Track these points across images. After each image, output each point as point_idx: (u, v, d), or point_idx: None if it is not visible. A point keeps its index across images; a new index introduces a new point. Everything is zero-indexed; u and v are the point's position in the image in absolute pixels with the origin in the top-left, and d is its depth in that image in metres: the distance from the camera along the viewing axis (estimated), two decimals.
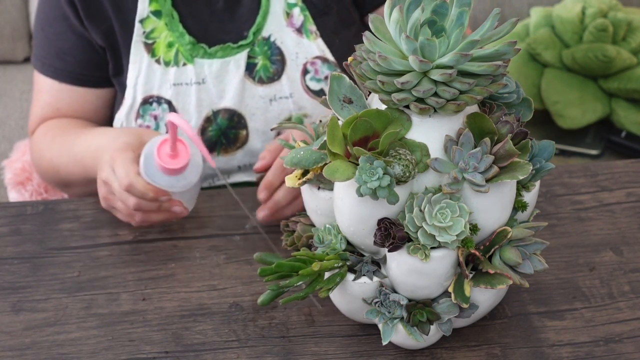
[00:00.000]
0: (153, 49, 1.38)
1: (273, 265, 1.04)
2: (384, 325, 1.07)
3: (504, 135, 1.00)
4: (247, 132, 1.42)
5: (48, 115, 1.44)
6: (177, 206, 1.24)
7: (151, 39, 1.38)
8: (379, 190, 0.96)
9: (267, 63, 1.40)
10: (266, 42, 1.40)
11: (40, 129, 1.44)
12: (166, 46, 1.38)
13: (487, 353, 1.11)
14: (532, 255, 1.04)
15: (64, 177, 1.40)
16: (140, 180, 1.21)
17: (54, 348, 1.13)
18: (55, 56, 1.42)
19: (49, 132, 1.42)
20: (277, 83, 1.41)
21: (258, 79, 1.40)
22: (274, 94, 1.41)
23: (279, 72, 1.41)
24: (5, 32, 2.31)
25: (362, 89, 1.03)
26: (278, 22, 1.40)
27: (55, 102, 1.44)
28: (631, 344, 1.12)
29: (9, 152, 1.69)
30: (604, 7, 2.10)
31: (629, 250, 1.24)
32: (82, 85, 1.43)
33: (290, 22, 1.40)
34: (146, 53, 1.38)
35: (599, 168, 1.37)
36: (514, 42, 0.97)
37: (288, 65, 1.41)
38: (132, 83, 1.39)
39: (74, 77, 1.43)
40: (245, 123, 1.41)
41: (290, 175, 1.08)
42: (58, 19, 1.40)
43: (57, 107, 1.44)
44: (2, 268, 1.23)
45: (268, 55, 1.40)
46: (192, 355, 1.11)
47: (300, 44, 1.40)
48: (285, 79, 1.41)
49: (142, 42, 1.38)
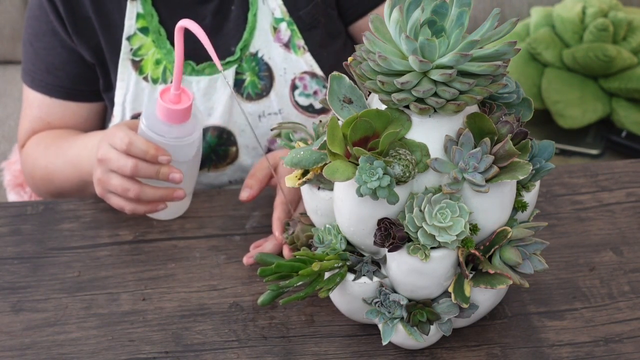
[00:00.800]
0: (141, 66, 1.37)
1: (273, 266, 1.04)
2: (384, 325, 1.07)
3: (504, 135, 1.00)
4: (236, 148, 1.41)
5: (39, 129, 1.43)
6: (176, 173, 1.20)
7: (139, 57, 1.37)
8: (379, 191, 0.96)
9: (255, 79, 1.39)
10: (254, 58, 1.38)
11: (32, 140, 1.43)
12: (154, 63, 1.37)
13: (487, 353, 1.11)
14: (532, 255, 1.04)
15: (59, 185, 1.39)
16: (140, 138, 1.19)
17: (54, 348, 1.13)
18: (46, 71, 1.40)
19: (42, 142, 1.41)
20: (266, 99, 1.39)
21: (246, 95, 1.39)
22: (262, 110, 1.40)
23: (267, 88, 1.39)
24: (5, 32, 2.31)
25: (362, 89, 1.03)
26: (265, 38, 1.38)
27: (46, 117, 1.42)
28: (631, 344, 1.12)
29: (8, 153, 1.69)
30: (605, 7, 2.10)
31: (629, 250, 1.24)
32: (74, 100, 1.42)
33: (278, 37, 1.38)
34: (134, 71, 1.37)
35: (599, 168, 1.37)
36: (514, 42, 0.97)
37: (276, 80, 1.39)
38: (121, 100, 1.38)
39: (66, 93, 1.41)
40: (235, 140, 1.40)
41: (290, 175, 1.08)
42: (47, 34, 1.39)
43: (48, 121, 1.42)
44: (2, 268, 1.23)
45: (256, 71, 1.39)
46: (192, 355, 1.11)
47: (288, 59, 1.39)
48: (274, 94, 1.39)
49: (130, 59, 1.37)
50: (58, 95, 1.41)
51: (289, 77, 1.39)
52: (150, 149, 1.18)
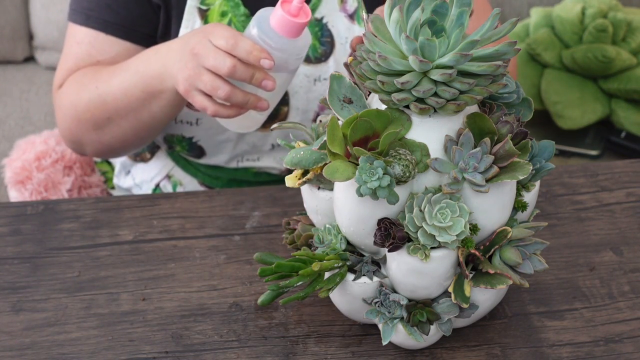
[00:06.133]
0: (206, 15, 1.37)
1: (273, 266, 1.04)
2: (384, 325, 1.07)
3: (504, 135, 1.00)
4: (288, 108, 1.42)
5: (84, 66, 1.39)
6: (269, 80, 1.20)
7: (206, 5, 1.37)
8: (379, 190, 0.96)
9: (316, 43, 1.40)
10: (318, 23, 1.40)
11: (77, 73, 1.38)
12: (219, 15, 1.37)
13: (487, 353, 1.11)
14: (532, 255, 1.04)
15: (112, 105, 1.34)
16: (247, 39, 1.18)
17: (54, 348, 1.13)
18: (106, 7, 1.37)
19: (91, 70, 1.36)
20: (324, 64, 1.41)
21: (305, 57, 1.39)
22: (319, 75, 1.41)
23: (327, 54, 1.41)
24: (5, 32, 2.31)
25: (362, 89, 1.03)
26: (332, 6, 1.40)
27: (96, 54, 1.38)
28: (631, 344, 1.12)
29: (8, 152, 1.69)
30: (604, 8, 2.10)
31: (629, 250, 1.24)
32: (129, 40, 1.39)
33: (344, 7, 1.40)
34: (199, 19, 1.37)
35: (599, 168, 1.37)
36: (514, 42, 0.97)
37: (337, 48, 1.41)
38: None
39: (124, 31, 1.38)
40: (288, 100, 1.41)
41: (290, 175, 1.08)
42: None
43: (98, 59, 1.39)
44: (2, 268, 1.23)
45: (318, 36, 1.40)
46: (192, 355, 1.11)
47: (350, 29, 1.41)
48: (333, 61, 1.41)
49: (197, 7, 1.37)
50: (115, 32, 1.38)
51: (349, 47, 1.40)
52: (255, 50, 1.18)
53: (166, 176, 1.55)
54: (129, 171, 1.59)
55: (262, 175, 1.50)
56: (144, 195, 1.35)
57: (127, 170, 1.60)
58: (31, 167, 1.58)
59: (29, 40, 2.37)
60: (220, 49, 1.19)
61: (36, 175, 1.57)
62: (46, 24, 2.31)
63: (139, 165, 1.57)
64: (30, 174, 1.58)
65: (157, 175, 1.55)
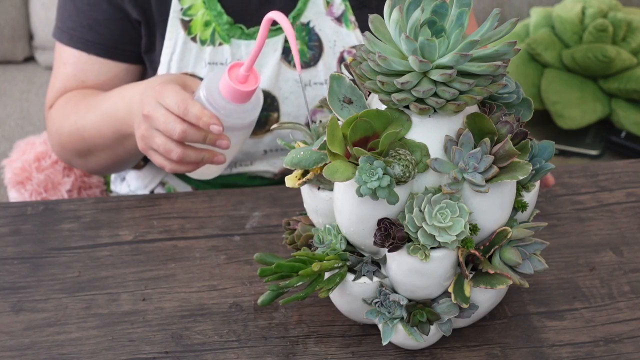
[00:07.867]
0: (190, 26, 1.37)
1: (273, 266, 1.04)
2: (384, 326, 1.07)
3: (503, 135, 1.00)
4: (278, 115, 1.42)
5: (71, 88, 1.41)
6: (224, 140, 1.21)
7: (188, 16, 1.37)
8: (378, 191, 0.96)
9: (304, 48, 1.40)
10: (305, 28, 1.40)
11: (62, 98, 1.41)
12: (203, 25, 1.37)
13: (487, 353, 1.11)
14: (532, 255, 1.04)
15: (89, 141, 1.36)
16: (197, 104, 1.19)
17: (54, 348, 1.13)
18: (88, 27, 1.38)
19: (73, 98, 1.39)
20: (313, 69, 1.41)
21: (294, 63, 1.39)
22: (308, 79, 1.41)
23: (316, 58, 1.41)
24: (5, 32, 2.32)
25: (362, 89, 1.03)
26: (318, 10, 1.40)
27: (81, 75, 1.40)
28: (631, 344, 1.12)
29: (8, 152, 1.69)
30: (604, 7, 2.10)
31: (629, 250, 1.24)
32: (113, 59, 1.40)
33: (330, 10, 1.40)
34: (182, 30, 1.37)
35: (599, 168, 1.37)
36: (514, 42, 0.97)
37: (325, 52, 1.41)
38: (167, 60, 1.38)
39: (106, 50, 1.39)
40: (278, 106, 1.41)
41: (290, 175, 1.08)
42: None
43: (83, 80, 1.40)
44: (2, 268, 1.23)
45: (306, 40, 1.40)
46: (192, 355, 1.11)
47: (338, 32, 1.41)
48: (322, 65, 1.41)
49: (179, 18, 1.37)
50: (97, 52, 1.39)
51: (338, 50, 1.41)
52: (204, 116, 1.19)
53: (160, 183, 1.55)
54: (124, 178, 1.60)
55: (256, 179, 1.50)
56: (144, 195, 1.35)
57: (122, 177, 1.60)
58: (31, 168, 1.58)
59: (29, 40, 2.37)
60: (172, 112, 1.20)
61: (36, 176, 1.57)
62: (46, 24, 2.31)
63: (133, 173, 1.57)
64: (30, 175, 1.58)
65: (152, 182, 1.55)
